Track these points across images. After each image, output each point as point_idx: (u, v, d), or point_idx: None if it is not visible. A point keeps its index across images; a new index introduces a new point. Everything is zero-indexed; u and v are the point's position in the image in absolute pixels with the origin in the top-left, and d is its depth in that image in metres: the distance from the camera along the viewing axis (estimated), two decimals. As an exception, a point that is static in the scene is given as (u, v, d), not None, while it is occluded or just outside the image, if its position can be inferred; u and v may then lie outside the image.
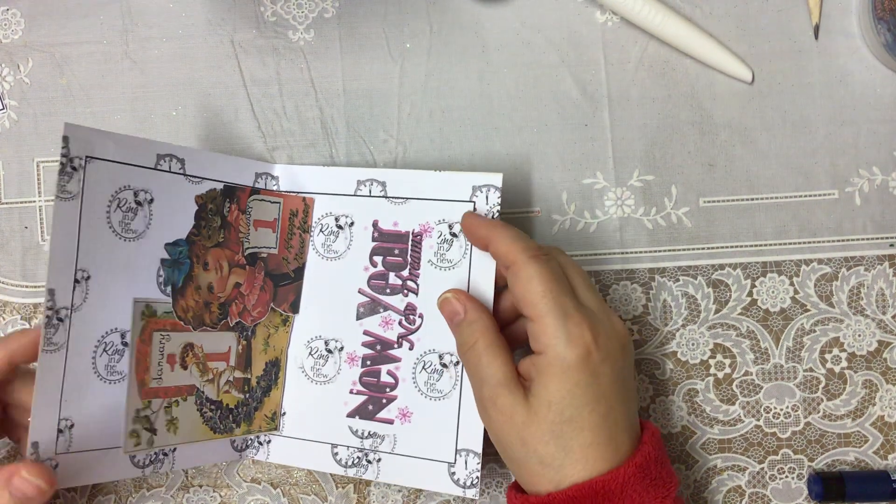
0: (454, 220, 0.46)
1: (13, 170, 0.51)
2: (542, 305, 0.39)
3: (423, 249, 0.47)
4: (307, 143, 0.51)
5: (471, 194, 0.46)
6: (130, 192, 0.41)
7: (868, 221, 0.50)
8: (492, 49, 0.51)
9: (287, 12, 0.51)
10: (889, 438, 0.50)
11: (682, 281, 0.50)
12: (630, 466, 0.38)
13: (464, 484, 0.45)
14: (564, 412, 0.38)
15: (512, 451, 0.40)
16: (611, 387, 0.39)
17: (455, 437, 0.45)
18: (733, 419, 0.50)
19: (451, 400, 0.45)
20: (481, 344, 0.41)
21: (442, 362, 0.46)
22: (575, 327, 0.39)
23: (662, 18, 0.49)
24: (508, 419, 0.39)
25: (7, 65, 0.51)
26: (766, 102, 0.50)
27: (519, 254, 0.40)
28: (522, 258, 0.40)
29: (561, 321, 0.39)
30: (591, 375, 0.39)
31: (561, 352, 0.38)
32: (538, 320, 0.39)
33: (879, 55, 0.49)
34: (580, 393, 0.38)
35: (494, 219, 0.44)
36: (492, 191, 0.45)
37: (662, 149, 0.50)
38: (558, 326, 0.39)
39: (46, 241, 0.51)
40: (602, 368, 0.39)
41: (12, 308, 0.51)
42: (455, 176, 0.46)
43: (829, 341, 0.50)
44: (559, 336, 0.38)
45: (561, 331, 0.38)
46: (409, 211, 0.47)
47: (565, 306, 0.39)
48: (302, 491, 0.50)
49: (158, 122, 0.51)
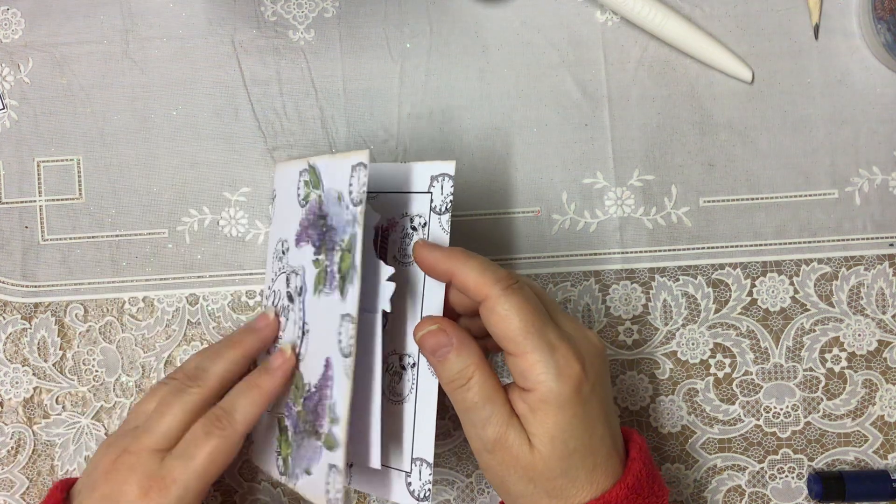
0: (414, 213, 0.42)
1: (13, 169, 0.51)
2: (526, 343, 0.37)
3: (389, 245, 0.44)
4: (307, 142, 0.51)
5: (429, 185, 0.42)
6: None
7: (868, 221, 0.50)
8: (492, 49, 0.51)
9: (287, 12, 0.51)
10: (889, 438, 0.50)
11: (682, 281, 0.50)
12: (622, 488, 0.38)
13: (418, 496, 0.41)
14: (568, 444, 0.37)
15: (516, 489, 0.38)
16: (601, 406, 0.39)
17: (411, 446, 0.42)
18: (733, 419, 0.50)
19: (409, 404, 0.42)
20: (478, 379, 0.38)
21: (402, 364, 0.43)
22: (563, 360, 0.37)
23: (662, 18, 0.49)
24: (514, 459, 0.38)
25: (7, 65, 0.51)
26: (766, 102, 0.50)
27: (491, 287, 0.37)
28: (495, 292, 0.37)
29: (548, 356, 0.37)
30: (584, 403, 0.38)
31: (553, 387, 0.37)
32: (522, 357, 0.37)
33: (879, 55, 0.49)
34: (578, 422, 0.37)
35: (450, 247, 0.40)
36: (446, 180, 0.41)
37: (662, 148, 0.50)
38: (547, 362, 0.37)
39: (47, 240, 0.51)
40: (593, 393, 0.38)
41: (12, 308, 0.51)
42: (416, 166, 0.42)
43: (829, 341, 0.50)
44: (549, 372, 0.37)
45: (550, 366, 0.37)
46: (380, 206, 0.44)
47: (549, 339, 0.37)
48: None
49: (158, 122, 0.51)
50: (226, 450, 0.40)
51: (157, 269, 0.51)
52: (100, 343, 0.51)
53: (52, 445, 0.51)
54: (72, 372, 0.51)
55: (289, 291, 0.45)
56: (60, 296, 0.51)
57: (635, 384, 0.50)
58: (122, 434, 0.42)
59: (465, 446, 0.50)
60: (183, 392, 0.42)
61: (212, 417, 0.41)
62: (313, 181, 0.43)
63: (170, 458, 0.40)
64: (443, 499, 0.50)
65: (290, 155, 0.51)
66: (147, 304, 0.51)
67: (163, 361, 0.51)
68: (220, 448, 0.40)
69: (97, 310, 0.51)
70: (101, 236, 0.51)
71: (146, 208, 0.51)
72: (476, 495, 0.50)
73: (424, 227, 0.42)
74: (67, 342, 0.51)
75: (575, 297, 0.50)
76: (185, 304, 0.51)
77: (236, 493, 0.50)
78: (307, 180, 0.43)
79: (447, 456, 0.51)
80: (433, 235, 0.42)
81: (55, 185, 0.51)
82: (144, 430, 0.41)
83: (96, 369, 0.51)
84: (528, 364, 0.37)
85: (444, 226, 0.42)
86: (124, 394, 0.51)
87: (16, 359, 0.51)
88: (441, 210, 0.41)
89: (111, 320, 0.51)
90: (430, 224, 0.42)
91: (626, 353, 0.50)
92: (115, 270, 0.51)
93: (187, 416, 0.41)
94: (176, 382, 0.42)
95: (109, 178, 0.51)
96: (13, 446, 0.50)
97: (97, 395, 0.51)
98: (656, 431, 0.50)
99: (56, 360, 0.51)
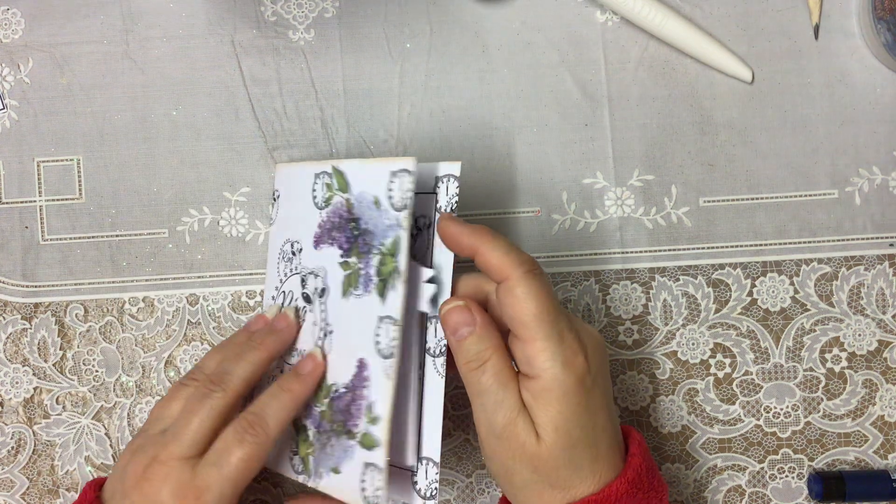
0: (420, 212, 0.42)
1: (13, 170, 0.51)
2: (538, 328, 0.37)
3: None
4: (307, 142, 0.51)
5: (434, 185, 0.42)
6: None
7: (868, 221, 0.50)
8: (492, 49, 0.51)
9: (287, 12, 0.51)
10: (889, 438, 0.50)
11: (682, 280, 0.50)
12: (622, 482, 0.38)
13: (424, 495, 0.41)
14: (572, 434, 0.38)
15: (518, 478, 0.39)
16: (602, 397, 0.39)
17: (417, 443, 0.42)
18: (733, 419, 0.50)
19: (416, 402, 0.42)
20: (495, 363, 0.38)
21: None
22: (569, 350, 0.37)
23: (662, 18, 0.49)
24: (520, 447, 0.38)
25: (7, 64, 0.51)
26: (766, 102, 0.50)
27: (514, 268, 0.38)
28: (518, 273, 0.37)
29: (557, 345, 0.37)
30: (587, 394, 0.38)
31: (559, 376, 0.37)
32: (531, 342, 0.37)
33: (879, 55, 0.49)
34: (582, 412, 0.38)
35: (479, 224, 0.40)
36: (451, 181, 0.41)
37: (662, 148, 0.50)
38: (555, 351, 0.37)
39: (47, 240, 0.51)
40: (595, 384, 0.38)
41: (12, 308, 0.51)
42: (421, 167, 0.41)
43: (829, 341, 0.50)
44: (556, 360, 0.37)
45: (557, 355, 0.37)
46: None
47: (560, 328, 0.37)
48: (302, 490, 0.50)
49: (158, 122, 0.51)
50: (258, 456, 0.40)
51: (158, 269, 0.51)
52: (100, 343, 0.51)
53: (53, 445, 0.51)
54: (72, 372, 0.51)
55: (305, 293, 0.45)
56: (60, 296, 0.51)
57: (635, 384, 0.50)
58: (149, 439, 0.41)
59: (466, 446, 0.51)
60: (208, 396, 0.41)
61: (244, 423, 0.40)
62: (340, 185, 0.43)
63: (203, 466, 0.39)
64: (443, 499, 0.50)
65: (290, 155, 0.51)
66: (147, 304, 0.51)
67: (163, 361, 0.51)
68: (252, 454, 0.39)
69: (97, 310, 0.51)
70: (101, 236, 0.51)
71: (146, 208, 0.51)
72: (476, 495, 0.50)
73: (429, 227, 0.42)
74: (67, 342, 0.51)
75: (575, 297, 0.50)
76: (186, 304, 0.51)
77: (236, 493, 0.50)
78: (328, 183, 0.43)
79: (447, 456, 0.51)
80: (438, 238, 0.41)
81: (55, 185, 0.51)
82: (173, 436, 0.40)
83: (96, 369, 0.51)
84: (536, 350, 0.37)
85: None
86: (124, 394, 0.51)
87: (16, 359, 0.51)
88: (446, 210, 0.41)
89: (111, 320, 0.51)
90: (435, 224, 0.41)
91: (626, 353, 0.50)
92: (115, 270, 0.51)
93: (214, 421, 0.40)
94: (199, 385, 0.42)
95: (109, 178, 0.51)
96: (13, 446, 0.50)
97: (97, 395, 0.51)
98: (656, 431, 0.50)
99: (56, 360, 0.51)
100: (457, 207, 0.41)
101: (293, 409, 0.41)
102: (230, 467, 0.39)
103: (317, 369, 0.42)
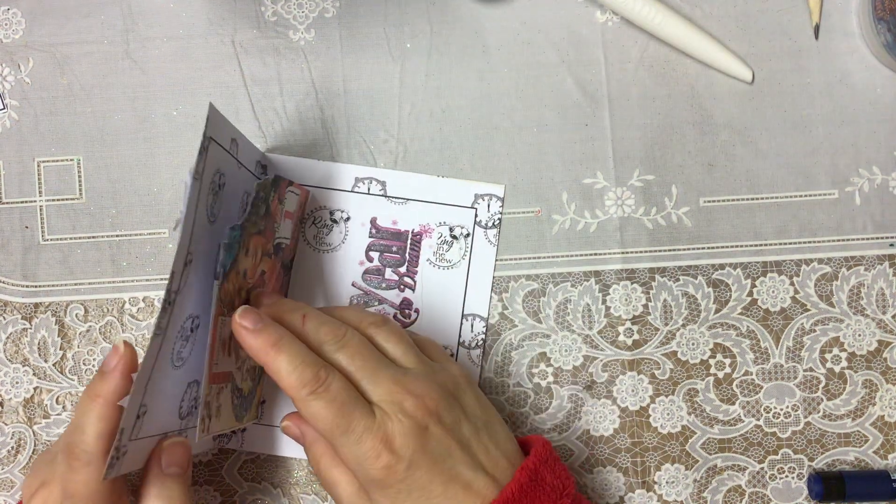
0: (455, 223, 0.49)
1: (13, 170, 0.51)
2: (332, 440, 0.40)
3: (423, 249, 0.49)
4: (308, 142, 0.51)
5: (473, 201, 0.49)
6: (220, 176, 0.41)
7: (868, 221, 0.50)
8: (492, 49, 0.51)
9: (287, 12, 0.51)
10: (889, 438, 0.50)
11: (682, 281, 0.50)
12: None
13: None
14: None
15: None
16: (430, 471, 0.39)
17: None
18: (733, 419, 0.50)
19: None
20: (327, 461, 0.42)
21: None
22: (371, 452, 0.39)
23: (662, 18, 0.49)
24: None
25: (7, 64, 0.51)
26: (766, 102, 0.50)
27: (296, 391, 0.39)
28: (300, 395, 0.39)
29: (354, 449, 0.39)
30: (403, 481, 0.39)
31: (366, 476, 0.39)
32: (335, 448, 0.40)
33: (879, 55, 0.49)
34: (405, 488, 0.39)
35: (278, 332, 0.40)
36: (494, 200, 0.48)
37: (662, 149, 0.50)
38: (354, 455, 0.39)
39: (47, 240, 0.51)
40: (413, 465, 0.39)
41: (12, 308, 0.51)
42: (457, 183, 0.47)
43: (829, 341, 0.50)
44: (360, 464, 0.39)
45: (360, 459, 0.39)
46: (409, 211, 0.49)
47: (355, 431, 0.39)
48: (302, 490, 0.50)
49: (159, 122, 0.51)
50: (96, 477, 0.39)
51: (158, 269, 0.51)
52: (100, 343, 0.51)
53: (53, 445, 0.51)
54: (72, 372, 0.51)
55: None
56: (61, 296, 0.51)
57: (635, 384, 0.50)
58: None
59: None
60: (75, 472, 0.39)
61: (63, 457, 0.39)
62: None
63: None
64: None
65: (290, 155, 0.51)
66: (147, 305, 0.51)
67: (163, 361, 0.51)
68: (89, 478, 0.39)
69: (97, 310, 0.51)
70: (102, 236, 0.51)
71: (146, 208, 0.51)
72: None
73: (468, 237, 0.49)
74: (68, 342, 0.51)
75: (575, 297, 0.50)
76: (186, 304, 0.51)
77: (236, 492, 0.50)
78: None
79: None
80: (478, 245, 0.49)
81: (55, 185, 0.51)
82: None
83: (96, 369, 0.51)
84: (342, 455, 0.40)
85: (491, 239, 0.49)
86: (124, 394, 0.51)
87: (16, 359, 0.51)
88: (488, 225, 0.49)
89: (111, 320, 0.51)
90: (475, 236, 0.49)
91: (626, 354, 0.50)
92: (115, 270, 0.51)
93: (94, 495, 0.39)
94: (60, 467, 0.40)
95: (109, 178, 0.51)
96: (13, 446, 0.50)
97: (97, 394, 0.51)
98: (656, 431, 0.50)
99: (56, 360, 0.51)
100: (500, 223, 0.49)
101: (111, 412, 0.39)
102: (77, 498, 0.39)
103: (121, 361, 0.40)
